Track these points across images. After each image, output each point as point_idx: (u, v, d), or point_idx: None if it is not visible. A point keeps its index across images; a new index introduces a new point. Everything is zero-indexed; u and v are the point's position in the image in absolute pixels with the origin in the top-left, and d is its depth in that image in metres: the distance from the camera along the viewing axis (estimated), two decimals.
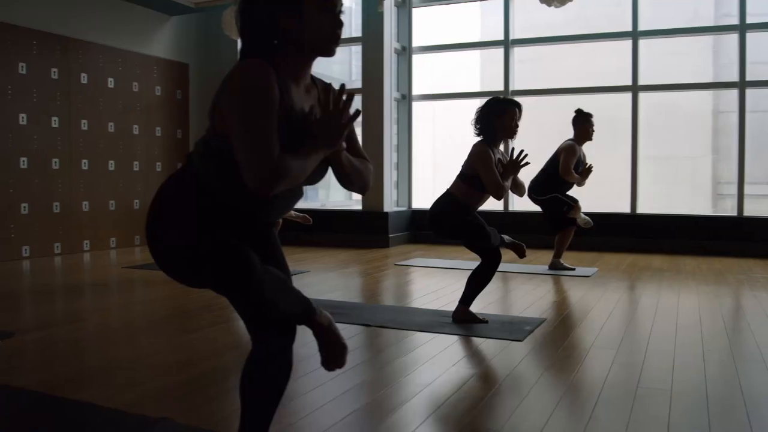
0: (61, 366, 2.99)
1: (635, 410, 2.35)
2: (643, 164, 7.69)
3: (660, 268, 5.98)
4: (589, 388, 2.63)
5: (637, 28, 7.45)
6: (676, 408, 2.37)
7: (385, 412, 2.36)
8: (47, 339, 3.45)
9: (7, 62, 6.35)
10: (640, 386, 2.62)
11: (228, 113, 1.56)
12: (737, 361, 2.98)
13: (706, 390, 2.57)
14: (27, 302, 4.58)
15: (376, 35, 8.00)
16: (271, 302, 1.61)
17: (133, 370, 2.89)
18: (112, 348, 3.30)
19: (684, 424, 2.21)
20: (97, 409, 2.36)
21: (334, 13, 1.66)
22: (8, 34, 6.35)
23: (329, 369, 1.78)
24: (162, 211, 1.67)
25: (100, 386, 2.65)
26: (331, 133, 1.62)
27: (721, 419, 2.26)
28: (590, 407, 2.38)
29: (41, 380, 2.72)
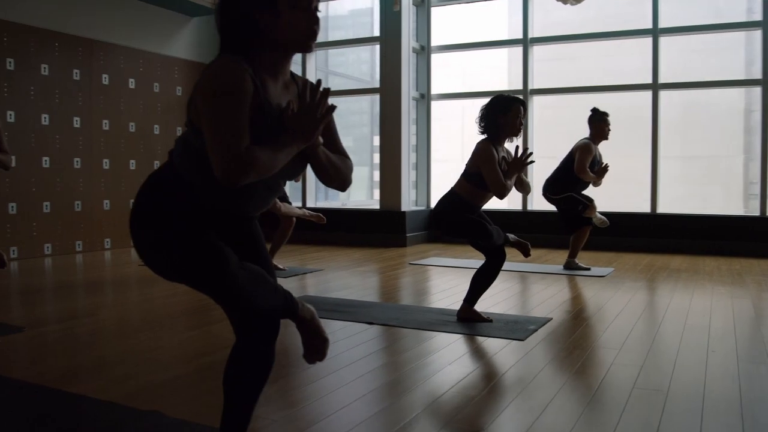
0: (64, 359, 3.05)
1: (627, 411, 2.32)
2: (673, 164, 7.58)
3: (677, 269, 5.89)
4: (583, 389, 2.61)
5: (658, 26, 7.34)
6: (669, 409, 2.33)
7: (372, 409, 2.36)
8: (56, 333, 3.52)
9: (30, 64, 6.49)
10: (636, 387, 2.59)
11: (201, 107, 1.59)
12: (741, 363, 2.92)
13: (703, 392, 2.52)
14: (45, 298, 4.67)
15: (394, 35, 8.00)
16: (248, 297, 1.64)
17: (133, 364, 2.94)
18: (118, 342, 3.36)
19: (674, 426, 2.18)
20: (90, 401, 2.41)
21: (310, 10, 1.68)
22: (31, 36, 6.50)
23: (310, 361, 1.81)
24: (142, 207, 1.70)
25: (98, 379, 2.70)
26: (307, 127, 1.63)
27: (714, 421, 2.22)
28: (581, 409, 2.36)
29: (40, 372, 2.78)
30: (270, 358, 1.85)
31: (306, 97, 1.65)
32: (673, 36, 7.45)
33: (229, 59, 1.61)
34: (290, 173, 1.79)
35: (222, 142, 1.52)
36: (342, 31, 10.11)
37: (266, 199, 1.82)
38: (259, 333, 1.81)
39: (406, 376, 2.77)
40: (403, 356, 3.09)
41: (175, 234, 1.62)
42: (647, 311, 4.07)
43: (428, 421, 2.26)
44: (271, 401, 2.42)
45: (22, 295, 4.85)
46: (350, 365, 2.91)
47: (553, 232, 7.21)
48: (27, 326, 3.60)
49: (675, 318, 3.85)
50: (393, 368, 2.89)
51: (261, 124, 1.61)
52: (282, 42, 1.67)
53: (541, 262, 6.43)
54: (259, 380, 1.85)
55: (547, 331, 3.53)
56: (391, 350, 3.21)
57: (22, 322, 3.71)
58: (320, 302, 4.33)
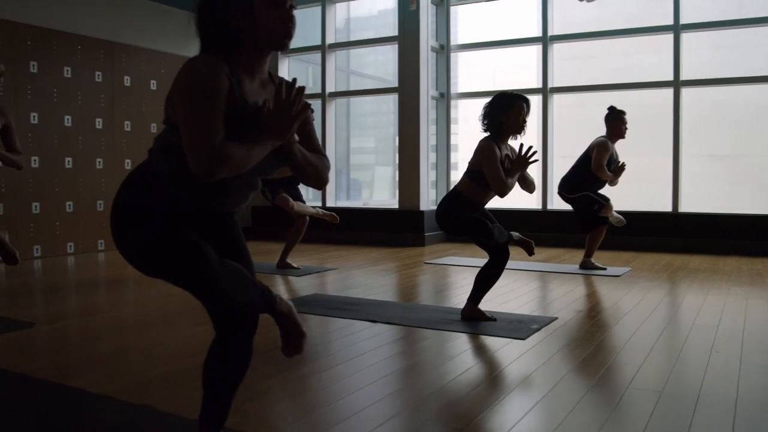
0: (67, 354, 3.13)
1: (617, 411, 2.30)
2: (696, 162, 7.45)
3: (696, 269, 5.78)
4: (575, 389, 2.59)
5: (679, 22, 7.22)
6: (660, 410, 2.30)
7: (359, 407, 2.37)
8: (65, 329, 3.60)
9: (54, 66, 6.64)
10: (631, 387, 2.55)
11: (177, 104, 1.61)
12: (743, 364, 2.86)
13: (698, 393, 2.48)
14: (62, 295, 4.77)
15: (412, 34, 8.00)
16: (227, 293, 1.67)
17: (134, 360, 3.00)
18: (124, 338, 3.42)
19: (663, 426, 2.15)
20: (85, 395, 2.47)
21: (284, 9, 1.70)
22: (54, 39, 6.65)
23: (288, 355, 1.82)
24: (121, 205, 1.73)
25: (98, 374, 2.76)
26: (281, 125, 1.65)
27: (705, 422, 2.19)
28: (568, 408, 2.34)
29: (41, 367, 2.84)
30: (248, 353, 1.88)
31: (282, 95, 1.67)
32: (695, 32, 7.31)
33: (205, 57, 1.65)
34: (266, 170, 1.80)
35: (196, 137, 1.54)
36: (370, 31, 10.10)
37: (244, 195, 1.84)
38: (237, 328, 1.85)
39: (398, 372, 2.78)
40: (399, 354, 3.10)
41: (154, 231, 1.65)
42: (657, 311, 4.01)
43: (415, 415, 2.26)
44: (270, 392, 2.45)
45: (40, 292, 4.97)
46: (348, 361, 2.93)
47: (573, 231, 7.12)
48: (39, 322, 3.68)
49: (684, 318, 3.79)
50: (386, 365, 2.89)
51: (237, 122, 1.64)
52: (258, 41, 1.69)
53: (558, 261, 6.37)
54: (237, 374, 1.89)
55: (550, 330, 3.50)
56: (388, 348, 3.21)
57: (35, 318, 3.79)
58: (327, 300, 4.36)
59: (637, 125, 6.62)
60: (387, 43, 8.64)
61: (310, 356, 3.04)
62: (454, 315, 3.85)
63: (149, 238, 1.65)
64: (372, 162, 10.93)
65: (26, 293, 4.89)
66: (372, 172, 10.94)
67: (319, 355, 3.09)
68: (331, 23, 8.90)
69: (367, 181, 10.84)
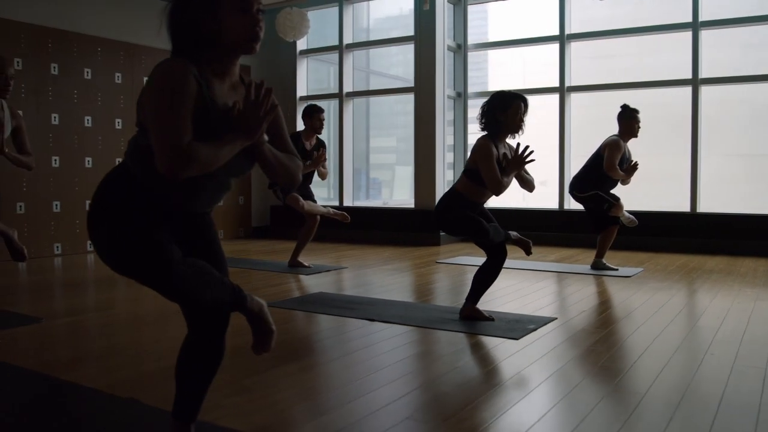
0: (68, 349, 3.21)
1: (596, 411, 2.29)
2: (715, 162, 7.33)
3: (711, 270, 5.69)
4: (556, 390, 2.58)
5: (698, 19, 7.11)
6: (640, 411, 2.29)
7: (341, 402, 2.40)
8: (71, 324, 3.70)
9: (74, 68, 6.79)
10: (615, 389, 2.54)
11: (146, 105, 1.66)
12: (736, 367, 2.82)
13: (682, 395, 2.46)
14: (76, 292, 4.89)
15: (428, 33, 8.00)
16: (193, 292, 1.70)
17: (129, 355, 3.07)
18: (125, 334, 3.50)
19: (641, 426, 2.14)
20: (75, 388, 2.55)
21: (251, 13, 1.73)
22: (75, 42, 6.80)
23: (257, 352, 1.85)
24: (96, 204, 1.78)
25: (92, 368, 2.84)
26: (250, 125, 1.68)
27: (684, 425, 2.17)
28: (544, 410, 2.34)
29: (42, 360, 2.93)
30: (219, 350, 1.92)
31: (251, 96, 1.70)
32: (714, 29, 7.19)
33: (173, 60, 1.69)
34: (238, 170, 1.83)
35: (164, 136, 1.58)
36: (393, 31, 10.11)
37: (216, 195, 1.88)
38: (207, 326, 1.89)
39: (384, 370, 2.79)
40: (387, 352, 3.11)
41: (122, 230, 1.70)
42: (660, 313, 3.96)
43: (393, 412, 2.28)
44: (254, 388, 2.49)
45: (56, 288, 5.10)
46: (337, 359, 2.96)
47: (589, 231, 7.02)
48: (46, 317, 3.79)
49: (686, 320, 3.74)
50: (373, 363, 2.92)
51: (206, 123, 1.67)
52: (226, 45, 1.72)
53: (571, 262, 6.32)
54: (208, 371, 1.93)
55: (546, 330, 3.49)
56: (378, 346, 3.23)
57: (45, 313, 3.90)
58: (330, 299, 4.40)
59: (656, 124, 6.55)
60: (404, 43, 8.64)
61: (300, 353, 3.08)
62: (453, 314, 3.85)
63: (118, 237, 1.70)
64: (393, 161, 10.94)
65: (44, 289, 5.02)
66: (392, 171, 10.96)
67: (309, 352, 3.12)
68: (349, 23, 8.94)
69: (387, 180, 10.86)
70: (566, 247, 7.38)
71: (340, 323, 3.70)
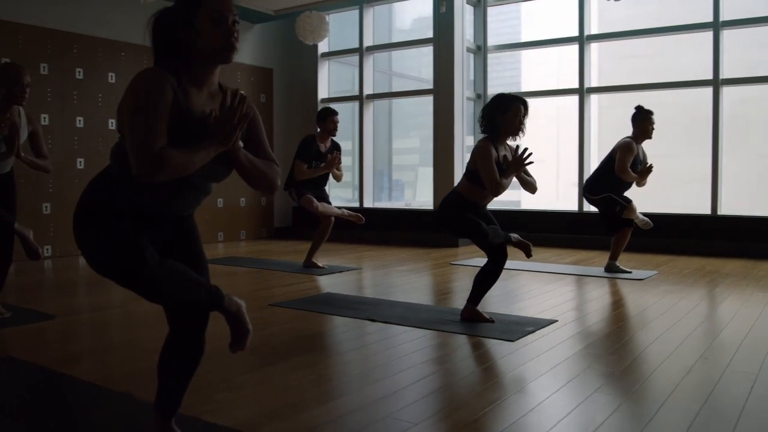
0: (74, 344, 3.35)
1: (573, 414, 2.31)
2: (737, 163, 7.23)
3: (728, 273, 5.62)
4: (536, 393, 2.60)
5: (719, 19, 7.01)
6: (621, 412, 2.30)
7: (328, 398, 2.46)
8: (80, 321, 3.84)
9: (98, 72, 6.99)
10: (598, 392, 2.56)
11: (123, 112, 1.74)
12: (727, 372, 2.81)
13: (666, 399, 2.46)
14: (92, 290, 5.04)
15: (447, 35, 8.03)
16: (168, 293, 1.79)
17: (130, 352, 3.18)
18: (129, 331, 3.62)
19: (621, 425, 2.16)
20: (72, 381, 2.67)
21: (226, 25, 1.81)
22: (99, 47, 7.00)
23: (233, 350, 1.91)
24: (80, 206, 1.87)
25: (93, 363, 2.96)
26: (224, 132, 1.76)
27: (659, 427, 2.18)
28: (521, 413, 2.37)
29: (46, 355, 3.05)
30: (198, 348, 2.00)
31: (226, 103, 1.78)
32: (735, 29, 7.08)
33: (150, 70, 1.78)
34: (215, 175, 1.91)
35: (138, 142, 1.66)
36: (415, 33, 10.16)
37: (196, 199, 1.96)
38: (187, 324, 1.96)
39: (375, 369, 2.85)
40: (379, 352, 3.17)
41: (101, 232, 1.78)
42: (663, 317, 3.94)
43: (372, 410, 2.33)
44: (246, 385, 2.57)
45: (75, 286, 5.26)
46: (330, 357, 3.03)
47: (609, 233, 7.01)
48: (58, 314, 3.93)
49: (688, 323, 3.71)
50: (361, 362, 2.97)
51: (182, 129, 1.75)
52: (202, 54, 1.80)
53: (587, 264, 6.30)
54: (188, 367, 2.01)
55: (544, 333, 3.50)
56: (373, 346, 3.29)
57: (56, 310, 4.05)
58: (337, 299, 4.47)
59: (678, 125, 6.48)
60: (423, 45, 8.68)
61: (295, 352, 3.15)
62: (454, 316, 3.89)
63: (97, 239, 1.79)
64: (416, 162, 10.96)
65: (65, 287, 5.19)
66: (415, 172, 10.99)
67: (304, 351, 3.19)
68: (369, 26, 9.02)
69: (410, 181, 10.89)
70: (584, 250, 7.35)
71: (341, 323, 3.77)
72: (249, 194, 8.83)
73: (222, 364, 2.86)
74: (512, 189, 3.94)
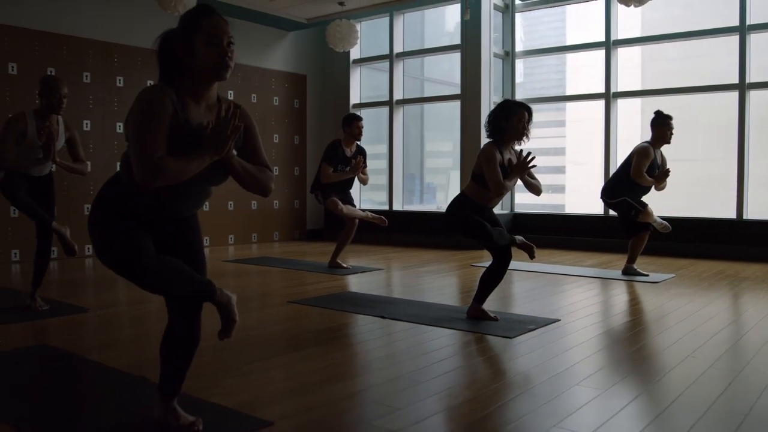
0: (104, 335, 3.62)
1: (550, 404, 2.46)
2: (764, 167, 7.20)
3: (746, 277, 5.63)
4: (519, 385, 2.75)
5: (746, 23, 7.00)
6: (597, 403, 2.44)
7: (324, 387, 2.66)
8: (111, 314, 4.14)
9: (137, 80, 7.36)
10: (579, 385, 2.70)
11: (128, 124, 1.98)
12: (710, 369, 2.91)
13: (640, 391, 2.59)
14: (122, 286, 5.36)
15: (474, 42, 8.18)
16: (163, 285, 2.03)
17: (151, 342, 3.42)
18: (155, 324, 3.88)
19: (590, 413, 2.31)
20: (97, 366, 2.93)
21: (221, 46, 2.03)
22: (138, 56, 7.38)
23: (220, 338, 2.13)
24: (93, 208, 2.12)
25: (118, 351, 3.22)
26: (218, 141, 1.98)
27: (625, 421, 2.32)
28: (495, 404, 2.53)
29: (79, 344, 3.33)
30: (194, 335, 2.23)
31: (220, 115, 2.00)
32: (762, 33, 7.06)
33: (153, 87, 2.02)
34: (213, 180, 2.13)
35: (139, 151, 1.90)
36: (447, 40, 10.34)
37: (197, 201, 2.19)
38: (182, 314, 2.19)
39: (373, 361, 3.04)
40: (385, 345, 3.36)
41: (105, 229, 2.03)
42: (666, 318, 4.03)
43: (361, 400, 2.53)
44: (251, 373, 2.79)
45: (109, 282, 5.58)
46: (336, 352, 3.23)
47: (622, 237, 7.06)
48: (92, 308, 4.24)
49: (689, 324, 3.80)
50: (367, 354, 3.17)
51: (180, 139, 1.98)
52: (200, 72, 2.03)
53: (607, 267, 6.37)
54: (186, 352, 2.24)
55: (544, 331, 3.64)
56: (378, 340, 3.48)
57: (91, 305, 4.36)
58: (354, 297, 4.68)
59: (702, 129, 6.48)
60: (450, 51, 8.84)
61: (304, 345, 3.37)
62: (462, 314, 4.05)
63: (102, 233, 2.03)
64: (449, 165, 11.12)
65: (100, 283, 5.52)
66: (447, 175, 11.14)
67: (312, 344, 3.40)
68: (399, 33, 9.22)
69: (442, 184, 11.03)
70: (607, 253, 7.40)
71: (353, 320, 3.97)
72: (282, 197, 9.12)
73: (230, 355, 3.11)
74: (556, 193, 4.02)
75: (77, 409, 2.49)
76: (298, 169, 9.41)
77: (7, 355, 3.17)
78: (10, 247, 6.54)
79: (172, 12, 6.26)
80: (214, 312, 2.10)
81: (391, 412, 2.37)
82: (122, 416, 2.39)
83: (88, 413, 2.45)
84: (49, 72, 6.61)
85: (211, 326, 2.20)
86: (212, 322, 2.16)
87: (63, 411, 2.45)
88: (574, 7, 8.72)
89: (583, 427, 2.21)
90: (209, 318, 2.26)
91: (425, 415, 2.35)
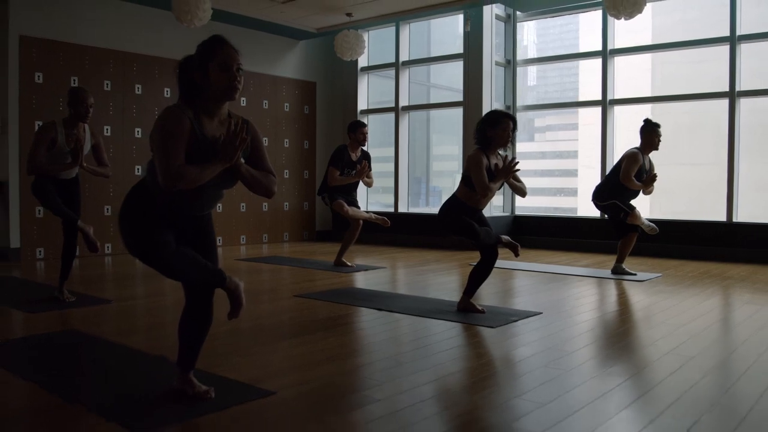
0: (126, 322, 4.01)
1: (514, 381, 2.80)
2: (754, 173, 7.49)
3: (730, 277, 5.93)
4: (492, 365, 3.09)
5: (735, 33, 7.30)
6: (548, 386, 2.78)
7: (320, 365, 3.02)
8: (134, 305, 4.52)
9: (155, 88, 7.78)
10: (546, 367, 3.03)
11: (153, 139, 2.36)
12: (667, 355, 3.24)
13: (595, 379, 2.93)
14: (145, 281, 5.76)
15: (476, 50, 8.53)
16: (181, 272, 2.41)
17: (169, 327, 3.79)
18: (171, 313, 4.25)
19: (544, 390, 2.65)
20: (121, 347, 3.32)
21: (231, 71, 2.40)
22: (156, 65, 7.79)
23: (229, 318, 2.50)
24: (122, 207, 2.50)
25: (140, 335, 3.60)
26: (228, 151, 2.35)
27: (583, 389, 2.66)
28: (471, 379, 2.87)
29: (103, 330, 3.71)
30: (207, 315, 2.61)
31: (229, 129, 2.37)
32: (752, 42, 7.36)
33: (173, 106, 2.39)
34: (224, 184, 2.51)
35: (162, 161, 2.28)
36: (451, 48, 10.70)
37: (211, 202, 2.57)
38: (197, 297, 2.57)
39: (361, 346, 3.40)
40: (375, 334, 3.71)
41: (132, 224, 2.41)
42: (642, 312, 4.35)
43: (354, 376, 2.88)
44: (258, 353, 3.15)
45: (130, 278, 5.99)
46: (331, 338, 3.59)
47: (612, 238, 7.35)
48: (115, 300, 4.62)
49: (661, 319, 4.11)
50: (358, 341, 3.52)
51: (197, 150, 2.35)
52: (213, 93, 2.40)
53: (599, 267, 6.68)
54: (200, 331, 2.62)
55: (525, 323, 3.97)
56: (369, 329, 3.84)
57: (114, 297, 4.75)
58: (356, 292, 5.04)
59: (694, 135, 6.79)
60: (453, 60, 9.19)
61: (306, 331, 3.73)
62: (452, 307, 4.39)
63: (129, 228, 2.41)
64: (454, 169, 11.44)
65: (121, 279, 5.92)
66: (453, 179, 11.48)
67: (314, 331, 3.76)
68: (405, 42, 9.57)
69: (448, 187, 11.38)
70: (603, 254, 7.71)
71: (352, 311, 4.33)
72: (292, 199, 9.50)
73: (241, 338, 3.48)
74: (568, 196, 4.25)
75: (106, 380, 2.86)
76: (308, 173, 9.79)
77: (41, 337, 3.56)
78: (35, 245, 6.96)
79: (188, 24, 6.64)
80: (225, 303, 2.46)
81: (378, 384, 2.73)
82: (146, 385, 2.76)
83: (115, 383, 2.82)
84: (72, 81, 7.04)
85: (224, 314, 2.55)
86: (225, 311, 2.52)
87: (94, 382, 2.83)
88: (585, 15, 9.04)
89: (543, 395, 2.56)
90: (222, 308, 2.61)
91: (407, 388, 2.70)
